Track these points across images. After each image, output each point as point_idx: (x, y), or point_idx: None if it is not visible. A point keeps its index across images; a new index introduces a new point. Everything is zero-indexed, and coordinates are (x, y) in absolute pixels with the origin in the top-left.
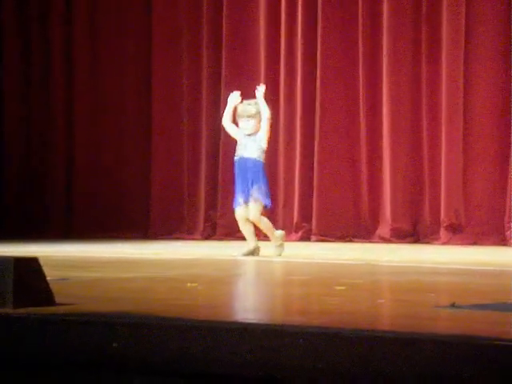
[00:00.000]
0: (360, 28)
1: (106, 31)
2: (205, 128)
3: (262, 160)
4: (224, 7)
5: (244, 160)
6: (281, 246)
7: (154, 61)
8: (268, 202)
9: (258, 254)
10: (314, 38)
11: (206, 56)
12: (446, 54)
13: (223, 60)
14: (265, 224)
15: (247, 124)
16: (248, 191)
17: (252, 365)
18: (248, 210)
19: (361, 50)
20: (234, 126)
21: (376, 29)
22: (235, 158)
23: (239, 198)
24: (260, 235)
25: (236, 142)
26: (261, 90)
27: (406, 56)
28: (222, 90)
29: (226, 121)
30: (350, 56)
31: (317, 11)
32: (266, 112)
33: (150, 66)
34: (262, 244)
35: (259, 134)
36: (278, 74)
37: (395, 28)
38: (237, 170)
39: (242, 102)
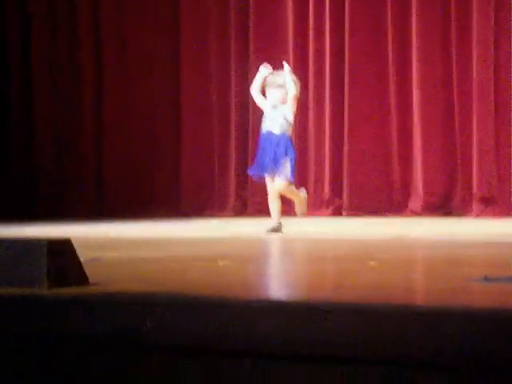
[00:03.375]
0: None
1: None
2: (234, 104)
3: (288, 134)
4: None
5: (271, 135)
6: (303, 207)
7: (182, 39)
8: (292, 178)
9: (281, 231)
10: (342, 30)
11: (234, 33)
12: (476, 26)
13: (251, 31)
14: (292, 192)
15: (275, 94)
16: (275, 166)
17: (288, 343)
18: (274, 183)
19: (390, 30)
20: (261, 95)
21: (405, 17)
22: (262, 131)
23: (263, 170)
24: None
25: (262, 113)
26: (287, 66)
27: (436, 23)
28: (250, 68)
29: (255, 89)
30: (378, 33)
31: (344, 3)
32: (291, 89)
33: (179, 44)
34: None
35: (285, 107)
36: (307, 52)
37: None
38: (262, 143)
39: (272, 72)
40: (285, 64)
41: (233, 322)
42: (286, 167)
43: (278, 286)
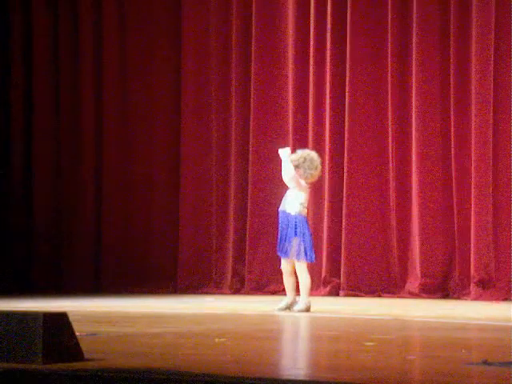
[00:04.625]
0: (389, 78)
1: (135, 65)
2: (233, 182)
3: (300, 214)
4: (252, 46)
5: (283, 214)
6: (303, 310)
7: (182, 107)
8: (309, 257)
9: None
10: (343, 77)
11: (235, 104)
12: (474, 107)
13: (251, 104)
14: (304, 283)
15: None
16: (285, 246)
17: None
18: (291, 263)
19: (390, 92)
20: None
21: (405, 71)
22: (279, 209)
23: (279, 251)
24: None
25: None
26: (283, 151)
27: (435, 106)
28: (251, 141)
29: (283, 174)
30: (378, 99)
31: (346, 45)
32: (286, 173)
33: (180, 112)
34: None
35: (297, 188)
36: (307, 122)
37: (424, 71)
38: (279, 222)
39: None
40: (280, 150)
41: None
42: (295, 247)
43: (273, 365)
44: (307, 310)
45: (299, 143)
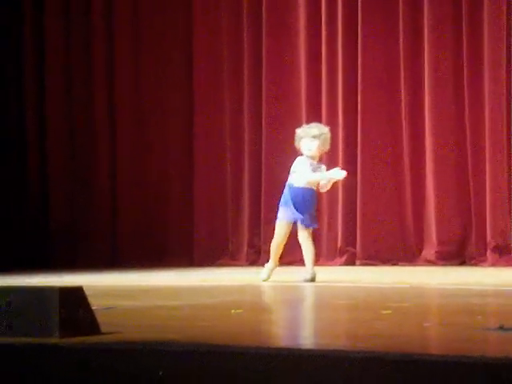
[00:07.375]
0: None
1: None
2: (247, 153)
3: (302, 185)
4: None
5: (300, 189)
6: (308, 280)
7: (195, 87)
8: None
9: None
10: (355, 67)
11: (247, 82)
12: (488, 72)
13: (263, 73)
14: (307, 251)
15: (311, 144)
16: (312, 217)
17: None
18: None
19: (402, 73)
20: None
21: (417, 62)
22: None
23: (308, 224)
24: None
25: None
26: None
27: (449, 67)
28: (264, 112)
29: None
30: (391, 79)
31: (357, 38)
32: (311, 177)
33: (192, 92)
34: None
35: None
36: (320, 107)
37: (436, 63)
38: (294, 196)
39: (301, 126)
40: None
41: (245, 371)
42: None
43: (290, 335)
44: (313, 279)
45: (312, 110)
